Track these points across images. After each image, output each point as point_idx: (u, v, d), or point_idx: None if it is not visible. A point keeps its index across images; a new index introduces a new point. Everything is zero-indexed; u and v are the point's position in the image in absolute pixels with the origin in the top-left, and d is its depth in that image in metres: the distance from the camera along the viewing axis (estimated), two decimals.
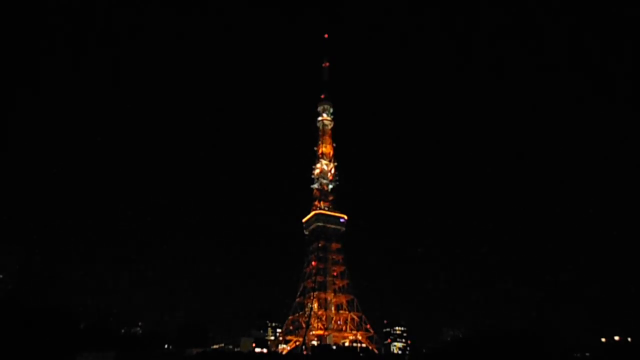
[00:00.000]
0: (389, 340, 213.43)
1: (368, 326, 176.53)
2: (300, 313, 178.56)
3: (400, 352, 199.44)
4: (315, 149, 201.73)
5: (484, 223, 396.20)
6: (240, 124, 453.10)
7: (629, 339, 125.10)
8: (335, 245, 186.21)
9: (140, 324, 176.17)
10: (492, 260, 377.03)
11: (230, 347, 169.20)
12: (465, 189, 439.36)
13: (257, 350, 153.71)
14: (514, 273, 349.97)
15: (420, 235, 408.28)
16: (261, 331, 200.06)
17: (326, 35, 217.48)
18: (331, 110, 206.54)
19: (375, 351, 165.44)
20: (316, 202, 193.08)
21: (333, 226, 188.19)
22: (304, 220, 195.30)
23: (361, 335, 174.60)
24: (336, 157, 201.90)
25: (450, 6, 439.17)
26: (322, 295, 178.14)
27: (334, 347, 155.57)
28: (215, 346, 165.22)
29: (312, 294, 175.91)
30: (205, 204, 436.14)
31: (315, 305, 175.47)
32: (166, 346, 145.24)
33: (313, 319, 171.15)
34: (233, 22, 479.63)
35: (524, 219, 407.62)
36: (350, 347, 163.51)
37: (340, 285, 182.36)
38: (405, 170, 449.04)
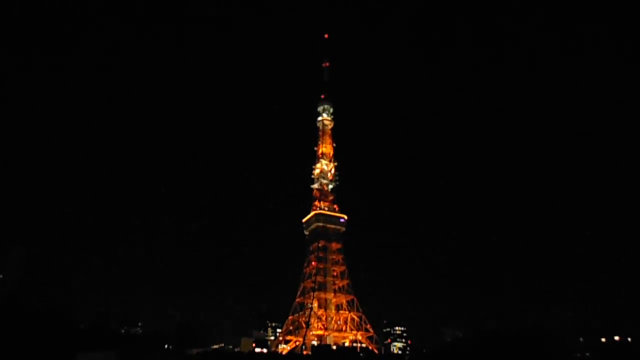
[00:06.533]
0: (389, 340, 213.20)
1: (368, 326, 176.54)
2: (300, 313, 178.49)
3: (400, 352, 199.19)
4: (315, 149, 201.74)
5: (484, 223, 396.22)
6: (240, 124, 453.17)
7: (629, 339, 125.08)
8: (335, 245, 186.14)
9: (140, 324, 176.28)
10: (493, 261, 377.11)
11: (230, 347, 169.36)
12: (466, 188, 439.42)
13: (257, 350, 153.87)
14: (514, 273, 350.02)
15: (420, 235, 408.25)
16: (261, 331, 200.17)
17: (326, 35, 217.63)
18: (331, 110, 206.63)
19: (375, 351, 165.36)
20: (316, 202, 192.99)
21: (333, 226, 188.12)
22: (304, 220, 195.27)
23: (361, 335, 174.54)
24: (336, 157, 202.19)
25: (451, 6, 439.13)
26: (322, 295, 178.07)
27: (334, 347, 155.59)
28: (215, 346, 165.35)
29: (312, 294, 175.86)
30: (206, 204, 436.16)
31: (315, 305, 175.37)
32: (166, 346, 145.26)
33: (313, 319, 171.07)
34: (233, 22, 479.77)
35: (524, 218, 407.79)
36: (350, 347, 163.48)
37: (340, 285, 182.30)
38: (406, 169, 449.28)
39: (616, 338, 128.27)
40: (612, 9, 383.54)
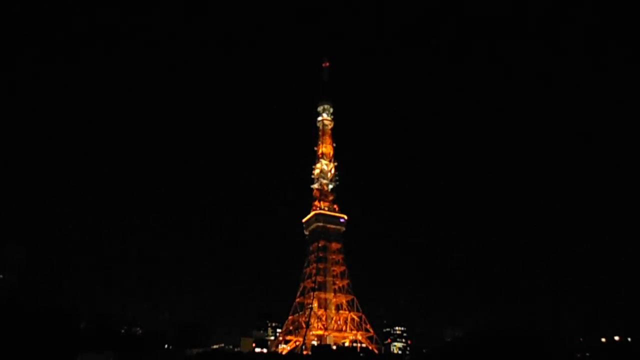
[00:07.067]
0: (389, 340, 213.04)
1: (368, 326, 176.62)
2: (300, 313, 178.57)
3: (400, 352, 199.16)
4: (315, 149, 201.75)
5: (484, 223, 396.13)
6: (240, 124, 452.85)
7: (629, 339, 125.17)
8: (335, 245, 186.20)
9: (140, 324, 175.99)
10: (493, 261, 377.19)
11: (230, 347, 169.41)
12: (466, 189, 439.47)
13: (257, 350, 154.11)
14: (514, 274, 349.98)
15: (420, 235, 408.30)
16: (261, 331, 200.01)
17: (326, 36, 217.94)
18: (331, 110, 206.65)
19: (375, 351, 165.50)
20: (316, 202, 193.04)
21: (333, 226, 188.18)
22: (304, 220, 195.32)
23: (361, 335, 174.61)
24: (336, 157, 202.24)
25: (451, 6, 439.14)
26: (322, 295, 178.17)
27: (334, 347, 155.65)
28: (215, 346, 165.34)
29: (312, 294, 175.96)
30: (206, 204, 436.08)
31: (315, 305, 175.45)
32: (166, 346, 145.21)
33: (313, 319, 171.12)
34: (233, 23, 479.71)
35: (524, 218, 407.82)
36: (350, 347, 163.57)
37: (340, 285, 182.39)
38: (406, 170, 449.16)
39: (616, 338, 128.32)
40: (612, 8, 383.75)
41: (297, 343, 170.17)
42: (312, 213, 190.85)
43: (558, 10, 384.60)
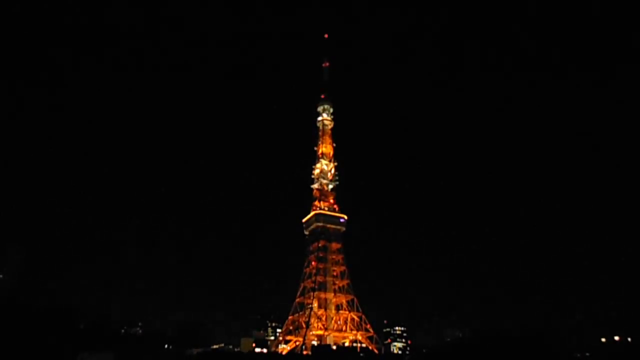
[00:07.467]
0: (389, 340, 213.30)
1: (368, 326, 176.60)
2: (300, 313, 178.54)
3: (400, 352, 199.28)
4: (315, 149, 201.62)
5: (484, 223, 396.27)
6: (240, 124, 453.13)
7: (629, 339, 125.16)
8: (335, 245, 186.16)
9: (140, 324, 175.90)
10: (493, 261, 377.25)
11: (230, 347, 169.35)
12: (466, 189, 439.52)
13: (257, 350, 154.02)
14: (514, 274, 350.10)
15: (420, 235, 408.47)
16: (261, 331, 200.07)
17: (326, 35, 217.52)
18: (331, 110, 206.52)
19: (375, 351, 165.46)
20: (316, 202, 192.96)
21: (333, 226, 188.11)
22: (304, 220, 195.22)
23: (361, 335, 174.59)
24: (336, 157, 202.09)
25: (451, 6, 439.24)
26: (322, 295, 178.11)
27: (334, 347, 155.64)
28: (215, 346, 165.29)
29: (312, 294, 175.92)
30: (206, 204, 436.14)
31: (315, 305, 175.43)
32: (166, 346, 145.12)
33: (313, 319, 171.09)
34: (233, 22, 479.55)
35: (524, 218, 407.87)
36: (350, 347, 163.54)
37: (341, 285, 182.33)
38: (406, 170, 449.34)
39: (616, 338, 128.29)
40: (612, 8, 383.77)
41: (297, 343, 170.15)
42: (312, 213, 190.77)
43: (558, 10, 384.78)
